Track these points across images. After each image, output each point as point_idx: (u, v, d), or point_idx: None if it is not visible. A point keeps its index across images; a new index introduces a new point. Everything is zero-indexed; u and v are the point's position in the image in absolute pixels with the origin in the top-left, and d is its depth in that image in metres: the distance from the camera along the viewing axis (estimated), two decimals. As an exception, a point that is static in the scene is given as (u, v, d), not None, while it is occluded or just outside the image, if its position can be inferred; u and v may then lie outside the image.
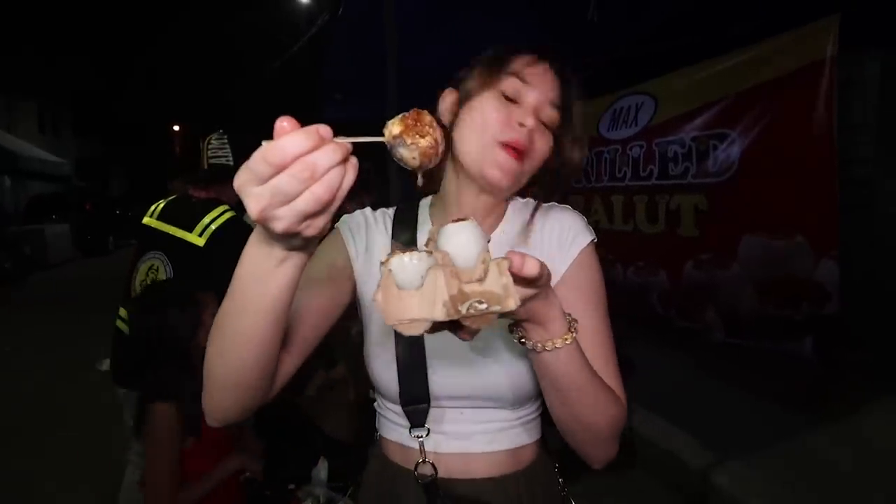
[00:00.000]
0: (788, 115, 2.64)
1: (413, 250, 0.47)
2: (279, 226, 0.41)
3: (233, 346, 0.55)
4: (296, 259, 0.49)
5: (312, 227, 0.43)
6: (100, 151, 20.90)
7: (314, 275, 0.70)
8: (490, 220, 0.77)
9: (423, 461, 0.72)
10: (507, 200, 0.80)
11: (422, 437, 0.73)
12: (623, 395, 0.68)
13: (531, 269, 0.47)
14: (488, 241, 0.48)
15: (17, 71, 14.16)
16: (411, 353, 0.71)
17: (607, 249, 3.72)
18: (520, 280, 0.48)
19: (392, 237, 0.76)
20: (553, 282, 0.66)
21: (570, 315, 0.59)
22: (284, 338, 0.58)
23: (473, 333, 0.48)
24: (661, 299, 3.44)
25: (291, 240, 0.45)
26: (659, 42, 3.37)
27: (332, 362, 2.28)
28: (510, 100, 0.71)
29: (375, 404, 0.81)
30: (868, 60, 3.44)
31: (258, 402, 0.62)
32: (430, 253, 0.46)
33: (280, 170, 0.39)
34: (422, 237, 0.76)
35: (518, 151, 0.69)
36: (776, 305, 2.98)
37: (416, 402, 0.72)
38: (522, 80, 0.71)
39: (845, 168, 3.62)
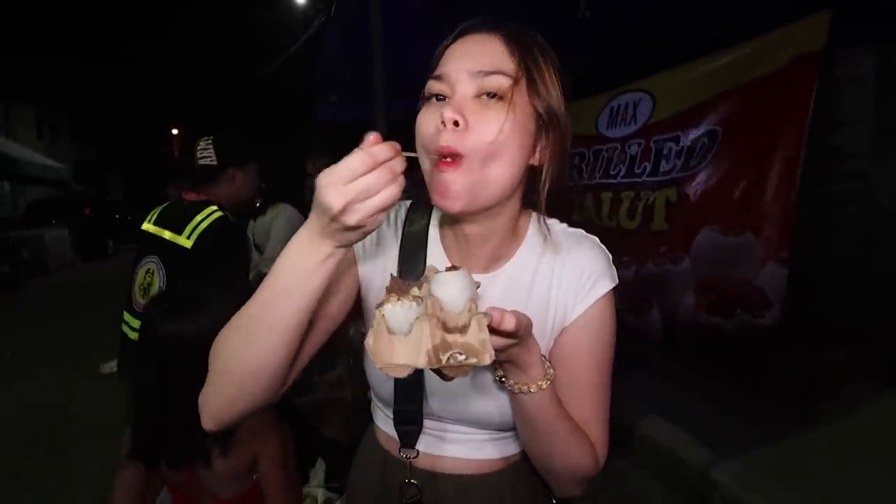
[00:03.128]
0: (769, 111, 2.59)
1: (409, 287, 0.54)
2: (353, 218, 0.49)
3: (268, 334, 0.57)
4: (338, 255, 0.55)
5: (373, 221, 0.51)
6: (98, 156, 20.90)
7: None
8: (505, 246, 0.71)
9: (409, 482, 0.74)
10: (529, 216, 0.73)
11: (410, 458, 0.74)
12: (603, 449, 0.69)
13: (508, 325, 0.51)
14: (478, 287, 0.54)
15: (14, 77, 14.17)
16: (411, 377, 0.72)
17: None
18: (500, 332, 0.52)
19: (402, 234, 0.74)
20: (561, 325, 0.69)
21: (548, 362, 0.62)
22: None
23: (454, 377, 0.53)
24: (621, 295, 3.34)
25: (348, 235, 0.52)
26: (653, 39, 3.37)
27: (329, 364, 2.28)
28: (439, 99, 0.62)
29: (371, 393, 0.82)
30: (863, 56, 3.45)
31: (268, 399, 0.62)
32: (421, 300, 0.52)
33: (370, 171, 0.48)
34: (433, 234, 0.74)
35: (449, 154, 0.58)
36: (710, 310, 2.84)
37: (409, 423, 0.73)
38: (435, 75, 0.62)
39: (843, 163, 3.63)
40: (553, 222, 0.73)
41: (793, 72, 2.48)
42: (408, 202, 0.77)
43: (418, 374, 0.69)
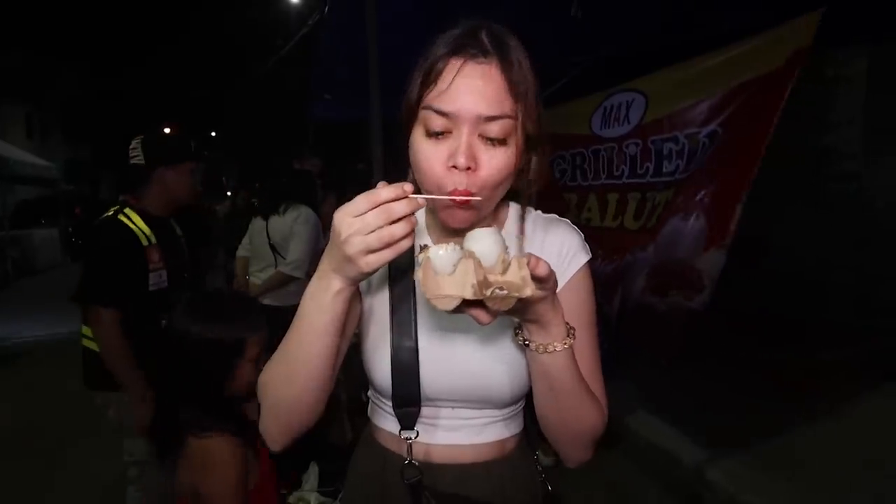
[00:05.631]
0: (763, 111, 2.62)
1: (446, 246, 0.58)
2: (350, 249, 0.55)
3: (302, 368, 0.65)
4: (347, 292, 0.61)
5: (366, 263, 0.56)
6: (88, 155, 20.69)
7: None
8: (488, 223, 0.77)
9: (410, 462, 0.75)
10: (508, 205, 0.80)
11: (411, 439, 0.75)
12: (605, 406, 0.73)
13: (542, 270, 0.55)
14: (506, 248, 0.57)
15: (4, 76, 14.01)
16: (405, 357, 0.73)
17: (597, 245, 3.71)
18: (533, 278, 0.55)
19: None
20: None
21: (569, 323, 0.64)
22: None
23: (493, 316, 0.57)
24: (604, 288, 3.42)
25: (349, 268, 0.57)
26: (646, 39, 3.38)
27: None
28: (437, 134, 0.64)
29: (370, 393, 0.83)
30: (855, 57, 3.48)
31: (318, 415, 0.71)
32: (461, 247, 0.56)
33: (372, 209, 0.55)
34: (421, 220, 0.79)
35: (464, 196, 0.64)
36: (653, 292, 2.90)
37: (408, 405, 0.74)
38: (439, 111, 0.63)
39: (834, 163, 3.66)
40: (529, 209, 0.80)
41: (784, 69, 2.49)
42: None
43: (414, 355, 0.73)
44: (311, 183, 3.03)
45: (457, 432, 0.76)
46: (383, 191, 0.55)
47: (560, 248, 0.76)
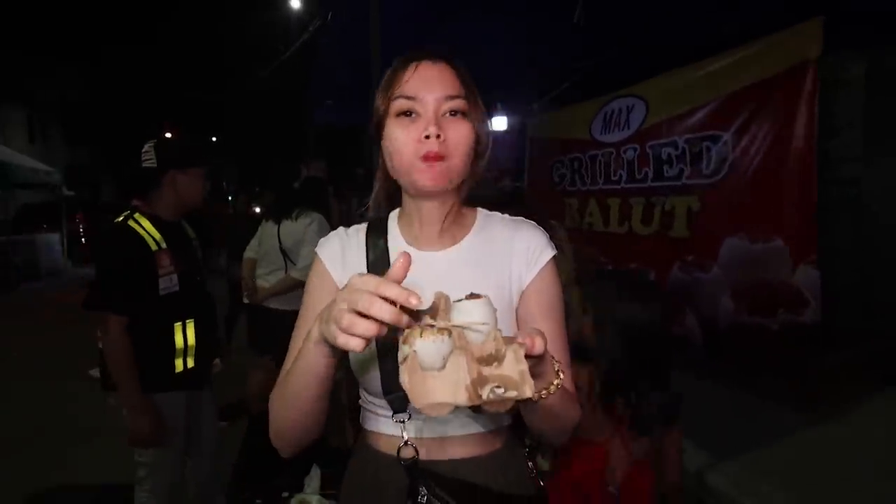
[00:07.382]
0: (773, 117, 2.64)
1: (431, 325, 0.53)
2: (336, 308, 0.55)
3: (295, 403, 0.72)
4: (334, 359, 0.66)
5: (346, 340, 0.54)
6: (91, 160, 20.74)
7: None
8: (457, 228, 0.84)
9: (406, 444, 0.79)
10: (475, 210, 0.87)
11: (404, 420, 0.79)
12: (576, 394, 0.80)
13: (539, 349, 0.56)
14: (496, 320, 0.55)
15: (5, 80, 14.08)
16: (392, 353, 0.75)
17: (601, 251, 3.73)
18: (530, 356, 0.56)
19: (366, 250, 0.85)
20: (519, 290, 0.81)
21: (555, 359, 0.67)
22: None
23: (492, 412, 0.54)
24: (657, 304, 3.40)
25: (325, 327, 0.58)
26: (647, 44, 3.40)
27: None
28: (408, 115, 0.76)
29: (360, 401, 0.87)
30: (854, 60, 3.48)
31: (316, 437, 0.78)
32: (449, 333, 0.52)
33: (373, 295, 0.52)
34: (392, 245, 0.84)
35: (436, 157, 0.74)
36: (751, 312, 2.94)
37: (398, 391, 0.77)
38: (406, 96, 0.76)
39: (834, 168, 3.66)
40: (496, 213, 0.89)
41: (792, 78, 2.51)
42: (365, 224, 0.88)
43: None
44: (323, 189, 3.05)
45: (446, 423, 0.79)
46: (393, 286, 0.53)
47: (527, 245, 0.83)
